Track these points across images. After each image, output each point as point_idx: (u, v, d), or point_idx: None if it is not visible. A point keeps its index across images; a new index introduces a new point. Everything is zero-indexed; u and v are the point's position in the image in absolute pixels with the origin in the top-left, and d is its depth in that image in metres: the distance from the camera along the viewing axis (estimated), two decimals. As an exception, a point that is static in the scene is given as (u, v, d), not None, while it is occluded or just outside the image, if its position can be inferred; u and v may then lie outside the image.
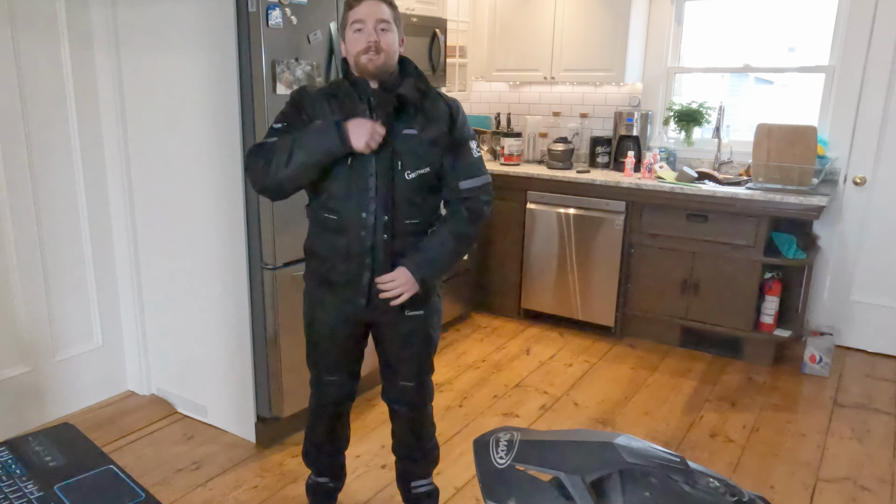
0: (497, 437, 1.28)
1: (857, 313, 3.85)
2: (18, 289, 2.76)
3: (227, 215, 2.63)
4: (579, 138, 4.50)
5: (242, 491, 2.52)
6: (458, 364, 3.68)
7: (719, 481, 1.13)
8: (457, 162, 1.95)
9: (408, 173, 1.90)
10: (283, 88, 2.49)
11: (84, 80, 2.86)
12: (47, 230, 2.83)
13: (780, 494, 2.55)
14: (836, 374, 3.59)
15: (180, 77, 2.63)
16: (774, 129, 3.58)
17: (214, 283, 2.75)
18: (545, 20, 4.21)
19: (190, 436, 2.88)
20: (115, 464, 1.38)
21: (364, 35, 1.82)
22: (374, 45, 1.81)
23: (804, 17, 3.91)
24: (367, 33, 1.82)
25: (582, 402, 3.26)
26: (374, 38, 1.81)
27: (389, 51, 1.85)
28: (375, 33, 1.81)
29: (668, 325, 3.91)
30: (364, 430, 2.94)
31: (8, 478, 1.32)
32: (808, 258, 3.60)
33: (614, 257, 3.90)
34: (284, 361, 2.71)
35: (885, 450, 2.86)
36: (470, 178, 1.96)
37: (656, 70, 4.24)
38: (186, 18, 2.54)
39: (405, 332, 2.06)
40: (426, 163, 1.92)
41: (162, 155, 2.80)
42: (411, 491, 2.29)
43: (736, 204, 3.50)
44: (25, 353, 2.82)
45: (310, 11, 2.55)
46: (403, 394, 2.14)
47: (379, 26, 1.82)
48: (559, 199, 4.03)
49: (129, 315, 3.13)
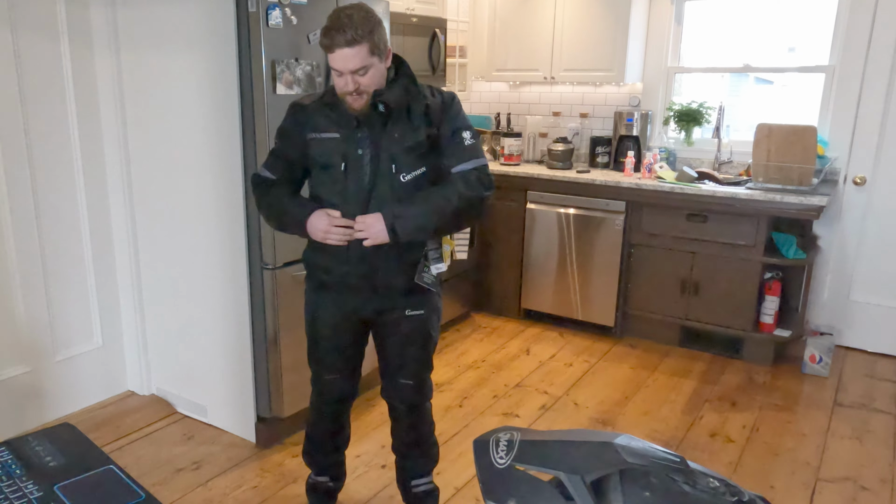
0: (497, 437, 1.28)
1: (856, 313, 3.85)
2: (18, 289, 2.76)
3: (227, 215, 2.63)
4: (579, 138, 4.50)
5: (242, 491, 2.52)
6: (458, 364, 3.68)
7: (719, 481, 1.13)
8: (449, 150, 1.95)
9: (403, 175, 1.92)
10: (283, 88, 2.49)
11: (84, 80, 2.86)
12: (47, 230, 2.83)
13: (780, 494, 2.55)
14: (836, 374, 3.59)
15: (180, 77, 2.63)
16: (774, 129, 3.58)
17: (214, 282, 2.75)
18: (545, 20, 4.21)
19: (190, 436, 2.88)
20: (115, 464, 1.38)
21: (343, 83, 1.83)
22: (354, 90, 1.83)
23: (804, 17, 3.91)
24: (345, 83, 1.82)
25: (582, 402, 3.26)
26: (351, 88, 1.82)
27: (371, 87, 1.84)
28: (353, 82, 1.81)
29: (668, 325, 3.91)
30: (364, 430, 2.94)
31: (8, 478, 1.32)
32: (808, 258, 3.60)
33: (614, 257, 3.90)
34: (284, 361, 2.71)
35: (885, 450, 2.86)
36: (461, 162, 1.94)
37: (656, 70, 4.24)
38: (186, 18, 2.54)
39: (405, 331, 2.06)
40: (420, 164, 1.93)
41: (162, 155, 2.80)
42: (411, 490, 2.29)
43: (736, 204, 3.50)
44: (25, 353, 2.82)
45: (310, 11, 2.55)
46: (403, 392, 2.14)
47: (356, 74, 1.81)
48: (559, 199, 4.03)
49: (129, 315, 3.13)
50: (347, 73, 1.80)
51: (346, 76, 1.80)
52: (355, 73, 1.80)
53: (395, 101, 1.87)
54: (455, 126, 1.95)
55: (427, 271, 2.03)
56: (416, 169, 1.92)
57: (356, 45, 1.76)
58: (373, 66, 1.82)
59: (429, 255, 2.02)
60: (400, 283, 2.00)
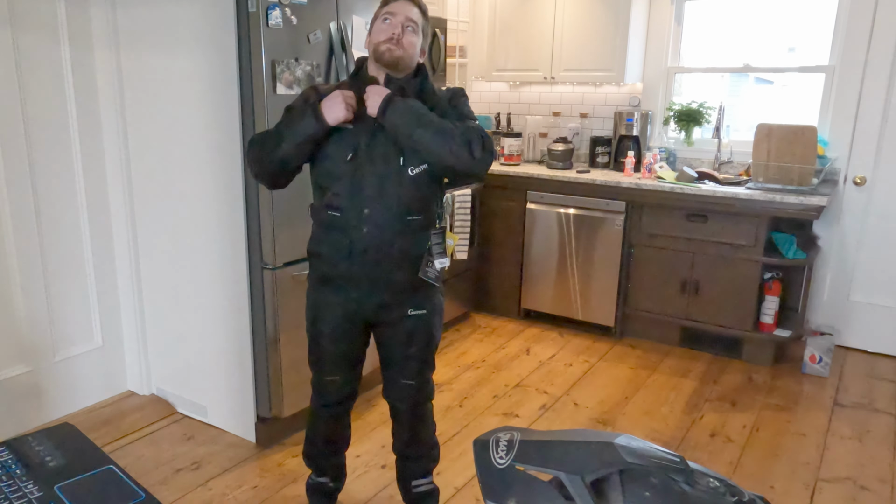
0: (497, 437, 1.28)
1: (856, 313, 3.85)
2: (18, 289, 2.76)
3: (228, 215, 2.63)
4: (579, 138, 4.50)
5: (242, 491, 2.52)
6: (458, 364, 3.68)
7: (719, 481, 1.13)
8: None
9: (411, 169, 1.92)
10: (283, 88, 2.49)
11: (84, 80, 2.86)
12: (47, 230, 2.83)
13: (780, 494, 2.55)
14: (836, 374, 3.59)
15: (180, 77, 2.63)
16: (774, 129, 3.58)
17: (214, 282, 2.75)
18: (545, 20, 4.22)
19: (190, 436, 2.88)
20: (115, 464, 1.38)
21: (390, 27, 1.88)
22: (396, 38, 1.87)
23: (804, 17, 3.91)
24: (393, 26, 1.88)
25: (582, 402, 3.26)
26: (398, 31, 1.87)
27: (409, 50, 1.90)
28: (401, 28, 1.88)
29: (668, 325, 3.91)
30: (364, 430, 2.94)
31: (8, 478, 1.32)
32: (808, 258, 3.60)
33: (614, 257, 3.90)
34: (284, 361, 2.71)
35: (885, 450, 2.86)
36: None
37: (656, 70, 4.24)
38: (186, 18, 2.54)
39: (407, 330, 2.06)
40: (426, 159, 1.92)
41: (162, 155, 2.80)
42: (411, 490, 2.29)
43: (736, 204, 3.50)
44: (25, 353, 2.82)
45: (310, 11, 2.55)
46: (405, 392, 2.14)
47: (407, 24, 1.89)
48: (559, 199, 4.03)
49: (129, 315, 3.13)
50: (399, 19, 1.87)
51: (397, 21, 1.87)
52: (405, 24, 1.87)
53: (411, 91, 1.93)
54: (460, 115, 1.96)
55: (431, 266, 2.02)
56: (422, 164, 1.93)
57: (415, 6, 1.91)
58: (417, 35, 1.91)
59: (432, 249, 2.02)
60: (403, 279, 1.99)
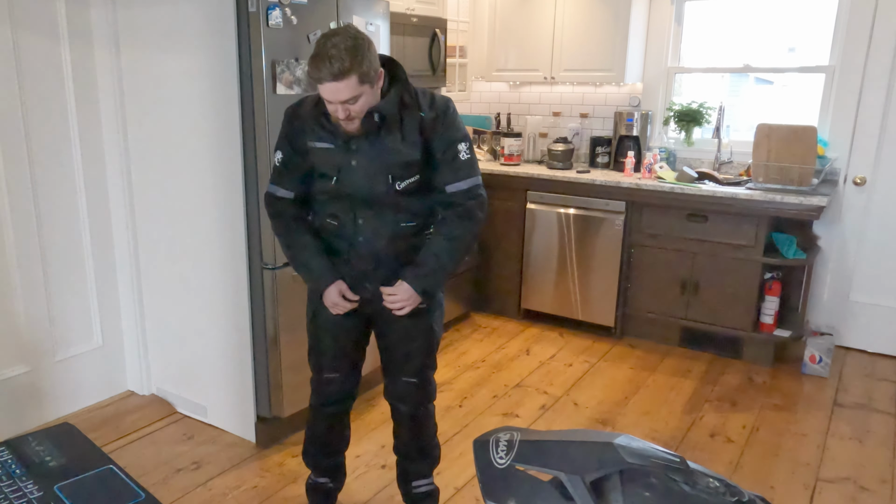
0: (497, 437, 1.28)
1: (856, 313, 3.85)
2: (18, 289, 2.76)
3: (227, 215, 2.63)
4: (579, 138, 4.50)
5: (242, 491, 2.52)
6: (458, 364, 3.68)
7: (719, 481, 1.13)
8: (443, 165, 1.93)
9: (398, 184, 1.92)
10: (283, 88, 2.49)
11: (84, 80, 2.86)
12: (47, 230, 2.83)
13: (780, 494, 2.55)
14: (836, 374, 3.59)
15: (180, 77, 2.63)
16: (774, 130, 3.58)
17: (214, 282, 2.75)
18: (545, 20, 4.21)
19: (190, 436, 2.88)
20: (115, 464, 1.38)
21: (334, 110, 1.80)
22: (346, 118, 1.81)
23: (804, 17, 3.91)
24: (336, 110, 1.79)
25: (582, 402, 3.26)
26: (342, 116, 1.80)
27: (363, 111, 1.82)
28: (343, 110, 1.78)
29: (668, 325, 3.91)
30: (364, 430, 2.93)
31: (8, 478, 1.32)
32: (808, 258, 3.60)
33: (614, 257, 3.90)
34: (284, 361, 2.71)
35: (885, 450, 2.86)
36: (457, 181, 1.93)
37: (656, 70, 4.24)
38: (186, 18, 2.54)
39: (408, 325, 2.06)
40: (413, 172, 1.92)
41: (162, 155, 2.80)
42: (412, 491, 2.29)
43: (736, 204, 3.50)
44: (25, 353, 2.82)
45: (310, 11, 2.55)
46: (406, 391, 2.14)
47: (345, 104, 1.77)
48: (559, 199, 4.03)
49: (129, 315, 3.13)
50: (334, 105, 1.78)
51: (337, 105, 1.78)
52: (345, 102, 1.77)
53: (389, 113, 1.86)
54: (450, 140, 1.92)
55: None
56: (410, 177, 1.92)
57: (344, 78, 1.71)
58: (363, 94, 1.77)
59: None
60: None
